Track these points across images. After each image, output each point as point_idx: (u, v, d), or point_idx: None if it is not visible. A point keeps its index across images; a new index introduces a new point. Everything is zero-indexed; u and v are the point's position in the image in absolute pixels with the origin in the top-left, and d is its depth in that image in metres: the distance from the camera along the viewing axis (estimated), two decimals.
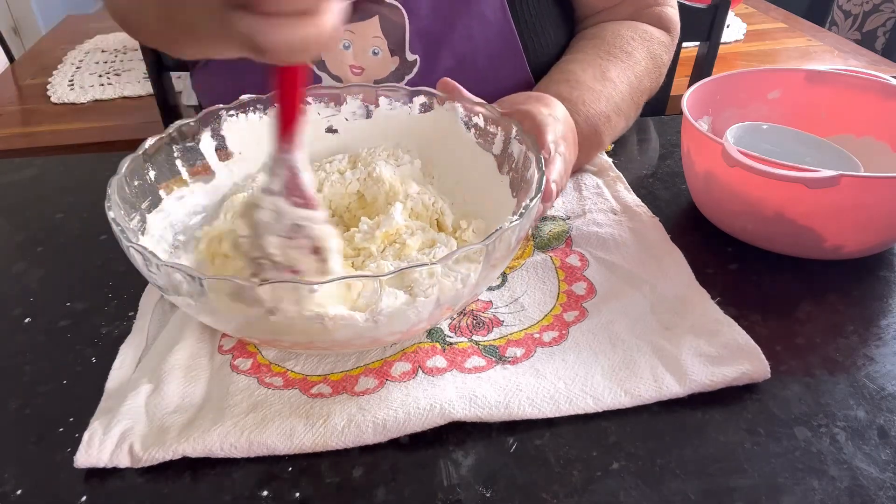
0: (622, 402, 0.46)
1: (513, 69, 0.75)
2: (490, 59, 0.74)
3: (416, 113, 0.63)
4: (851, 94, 0.68)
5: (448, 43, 0.72)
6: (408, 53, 0.72)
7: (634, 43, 0.75)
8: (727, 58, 1.45)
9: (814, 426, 0.45)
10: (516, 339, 0.52)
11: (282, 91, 0.42)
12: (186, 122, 0.59)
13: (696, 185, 0.65)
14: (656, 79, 0.78)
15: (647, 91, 0.76)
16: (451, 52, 0.72)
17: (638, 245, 0.61)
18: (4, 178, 0.79)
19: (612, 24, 0.78)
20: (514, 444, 0.45)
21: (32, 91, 1.48)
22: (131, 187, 0.53)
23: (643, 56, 0.75)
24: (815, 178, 0.53)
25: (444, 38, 0.72)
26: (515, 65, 0.75)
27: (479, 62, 0.74)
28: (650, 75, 0.76)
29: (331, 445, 0.44)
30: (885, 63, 1.39)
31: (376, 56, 0.71)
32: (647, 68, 0.75)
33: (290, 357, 0.51)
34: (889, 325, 0.53)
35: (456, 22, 0.72)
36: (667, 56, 0.79)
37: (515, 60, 0.75)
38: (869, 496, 0.41)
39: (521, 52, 0.74)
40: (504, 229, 0.44)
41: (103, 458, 0.43)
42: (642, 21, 0.79)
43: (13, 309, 0.58)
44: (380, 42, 0.71)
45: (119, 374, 0.50)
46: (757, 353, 0.48)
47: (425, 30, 0.71)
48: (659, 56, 0.77)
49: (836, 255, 0.59)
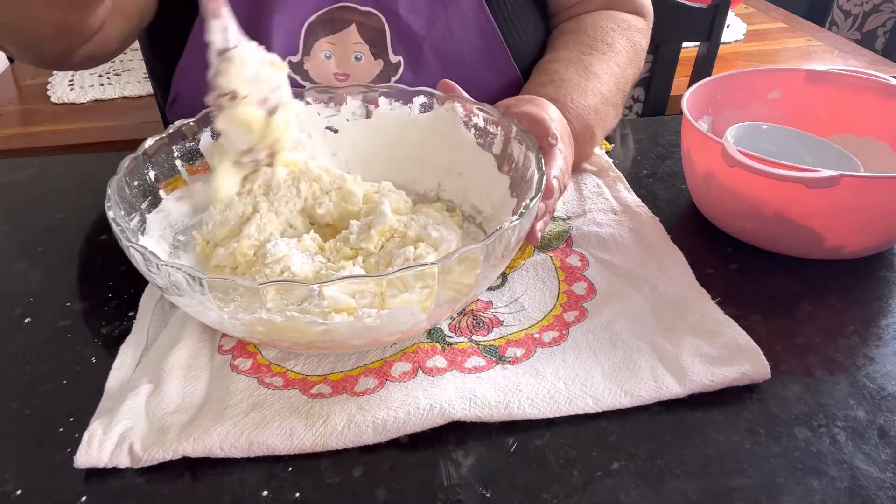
0: (622, 402, 0.46)
1: (498, 65, 0.76)
2: (475, 56, 0.74)
3: (416, 113, 0.63)
4: (851, 94, 0.68)
5: (430, 42, 0.72)
6: (391, 55, 0.72)
7: (614, 34, 0.76)
8: (727, 58, 1.45)
9: (814, 426, 0.45)
10: (516, 339, 0.52)
11: None
12: (186, 121, 0.59)
13: (696, 185, 0.65)
14: (637, 65, 0.78)
15: (632, 78, 0.77)
16: (433, 51, 0.73)
17: (638, 245, 0.61)
18: (4, 178, 0.79)
19: (591, 17, 0.79)
20: (513, 444, 0.45)
21: (32, 91, 1.48)
22: (131, 187, 0.54)
23: (624, 45, 0.76)
24: (815, 178, 0.53)
25: (425, 38, 0.72)
26: (501, 60, 0.75)
27: (464, 59, 0.74)
28: (632, 63, 0.77)
29: (331, 445, 0.44)
30: (885, 63, 1.39)
31: (359, 61, 0.72)
32: (629, 57, 0.76)
33: (290, 357, 0.51)
34: (889, 325, 0.53)
35: (435, 21, 0.72)
36: (645, 42, 0.80)
37: (500, 56, 0.75)
38: (869, 496, 0.41)
39: (503, 47, 0.75)
40: (504, 229, 0.44)
41: (103, 458, 0.43)
42: (616, 9, 0.80)
43: (13, 309, 0.58)
44: (361, 47, 0.71)
45: (119, 374, 0.50)
46: (757, 353, 0.48)
47: (405, 31, 0.72)
48: (638, 43, 0.78)
49: (836, 255, 0.59)
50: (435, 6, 0.72)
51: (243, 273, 0.52)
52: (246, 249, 0.53)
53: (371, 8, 0.71)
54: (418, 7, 0.71)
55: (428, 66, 0.73)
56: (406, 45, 0.72)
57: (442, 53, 0.73)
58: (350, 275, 0.49)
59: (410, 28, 0.71)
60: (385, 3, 0.71)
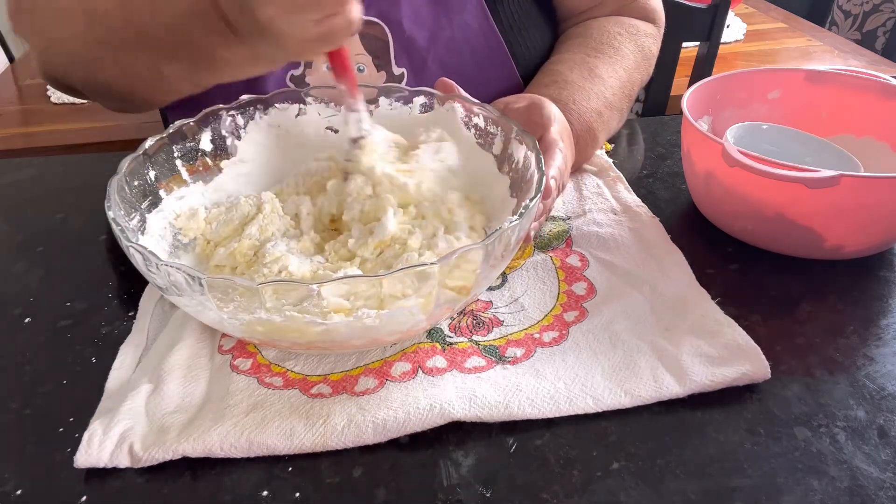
0: (622, 402, 0.46)
1: (502, 74, 0.75)
2: (478, 66, 0.74)
3: (416, 113, 0.63)
4: (851, 94, 0.68)
5: (434, 54, 0.72)
6: (394, 67, 0.72)
7: (621, 38, 0.75)
8: (727, 58, 1.45)
9: (814, 426, 0.45)
10: (516, 339, 0.52)
11: (336, 66, 0.53)
12: (186, 121, 0.59)
13: (696, 185, 0.65)
14: (646, 70, 0.78)
15: (639, 83, 0.77)
16: (437, 63, 0.72)
17: (638, 245, 0.61)
18: (4, 178, 0.79)
19: (598, 21, 0.78)
20: (513, 444, 0.45)
21: (32, 91, 1.48)
22: (131, 187, 0.53)
23: (631, 50, 0.75)
24: (815, 178, 0.53)
25: (429, 50, 0.72)
26: (504, 70, 0.75)
27: (468, 70, 0.73)
28: (639, 68, 0.76)
29: (331, 445, 0.44)
30: (885, 63, 1.39)
31: (361, 73, 0.71)
32: (637, 61, 0.75)
33: (290, 357, 0.51)
34: (889, 325, 0.53)
35: (439, 33, 0.71)
36: (655, 47, 0.80)
37: (503, 65, 0.75)
38: (869, 496, 0.41)
39: (508, 57, 0.74)
40: (503, 229, 0.44)
41: (103, 458, 0.43)
42: (626, 15, 0.79)
43: (13, 309, 0.58)
44: (363, 58, 0.71)
45: (119, 374, 0.50)
46: (757, 353, 0.48)
47: (409, 42, 0.71)
48: (647, 48, 0.78)
49: (836, 255, 0.59)
50: (439, 18, 0.71)
51: (242, 273, 0.52)
52: (246, 249, 0.53)
53: (374, 17, 0.70)
54: (422, 18, 0.71)
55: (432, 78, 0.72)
56: (410, 56, 0.72)
57: (446, 65, 0.72)
58: (349, 275, 0.49)
59: (414, 40, 0.71)
60: (389, 14, 0.70)
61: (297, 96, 0.63)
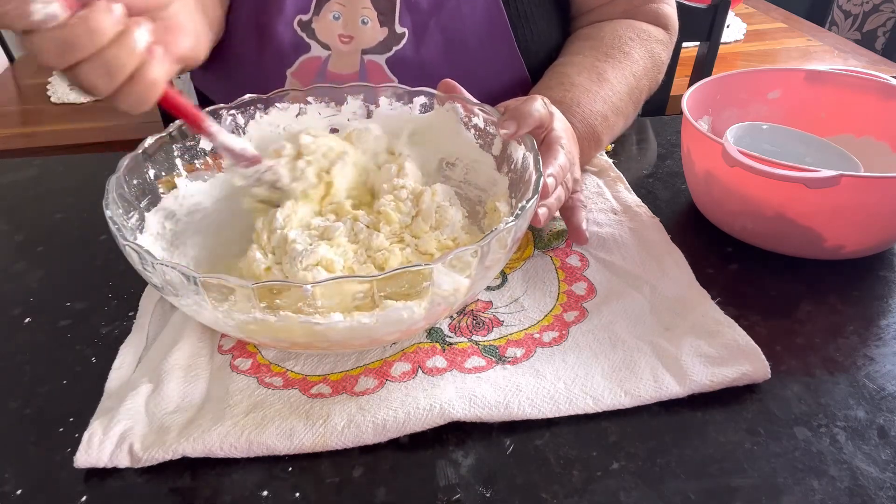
0: (622, 402, 0.46)
1: (504, 56, 0.75)
2: (480, 42, 0.74)
3: (416, 113, 0.63)
4: (851, 94, 0.68)
5: (437, 19, 0.73)
6: (397, 26, 0.73)
7: (633, 43, 0.75)
8: (727, 58, 1.45)
9: (814, 426, 0.45)
10: (516, 340, 0.52)
11: (171, 109, 0.50)
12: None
13: (696, 185, 0.65)
14: (655, 77, 0.78)
15: (647, 90, 0.76)
16: (439, 29, 0.73)
17: (638, 245, 0.61)
18: (4, 178, 0.79)
19: (610, 24, 0.78)
20: (513, 444, 0.45)
21: (32, 91, 1.48)
22: (130, 186, 0.53)
23: (641, 55, 0.75)
24: (815, 178, 0.53)
25: (433, 14, 0.72)
26: (506, 51, 0.75)
27: (470, 43, 0.74)
28: (649, 74, 0.76)
29: (331, 445, 0.44)
30: (885, 63, 1.39)
31: (365, 25, 0.72)
32: (646, 67, 0.75)
33: (289, 357, 0.51)
34: (889, 325, 0.53)
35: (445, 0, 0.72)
36: (665, 54, 0.79)
37: (506, 46, 0.75)
38: (869, 496, 0.41)
39: (511, 39, 0.75)
40: (500, 230, 0.44)
41: (103, 458, 0.43)
42: (638, 18, 0.79)
43: (13, 309, 0.58)
44: (369, 13, 0.72)
45: (119, 374, 0.50)
46: (757, 353, 0.48)
47: (415, 4, 0.72)
48: (658, 55, 0.77)
49: (836, 255, 0.59)
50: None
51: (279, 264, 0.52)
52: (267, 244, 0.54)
53: None
54: None
55: (431, 42, 0.73)
56: (413, 16, 0.73)
57: (447, 31, 0.73)
58: (348, 275, 0.49)
59: (420, 1, 0.72)
60: None
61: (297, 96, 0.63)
